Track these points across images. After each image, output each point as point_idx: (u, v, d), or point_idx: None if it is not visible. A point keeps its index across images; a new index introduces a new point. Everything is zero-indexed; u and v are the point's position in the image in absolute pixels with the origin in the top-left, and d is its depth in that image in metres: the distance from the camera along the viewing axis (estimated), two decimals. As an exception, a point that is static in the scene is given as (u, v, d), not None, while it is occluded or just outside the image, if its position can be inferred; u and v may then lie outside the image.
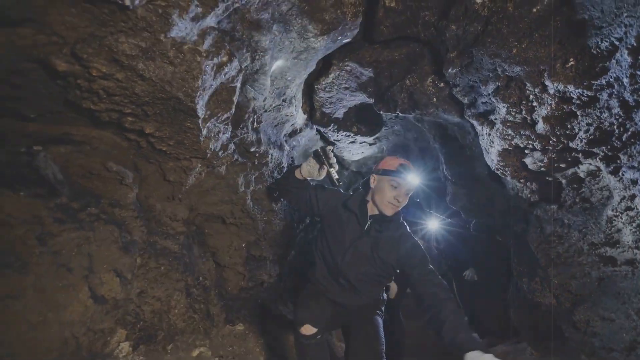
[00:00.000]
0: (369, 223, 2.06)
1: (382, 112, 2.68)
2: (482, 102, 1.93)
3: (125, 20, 1.14)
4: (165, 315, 2.21)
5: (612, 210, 1.57)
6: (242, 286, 3.36)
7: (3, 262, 1.29)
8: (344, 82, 2.64)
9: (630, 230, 1.51)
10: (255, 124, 2.52)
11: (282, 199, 2.43)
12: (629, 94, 1.29)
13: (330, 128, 3.19)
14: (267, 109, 2.61)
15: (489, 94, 1.82)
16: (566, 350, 2.24)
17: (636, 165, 1.38)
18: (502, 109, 1.81)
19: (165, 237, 2.37)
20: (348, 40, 2.27)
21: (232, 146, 2.35)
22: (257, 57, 2.03)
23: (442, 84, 2.13)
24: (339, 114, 3.12)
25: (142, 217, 2.15)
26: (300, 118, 3.15)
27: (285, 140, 3.24)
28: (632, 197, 1.50)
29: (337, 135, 3.38)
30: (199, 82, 1.47)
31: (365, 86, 2.58)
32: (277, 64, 2.29)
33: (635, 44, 1.17)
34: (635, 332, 1.65)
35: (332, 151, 2.08)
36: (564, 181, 1.84)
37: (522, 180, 2.02)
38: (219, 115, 1.80)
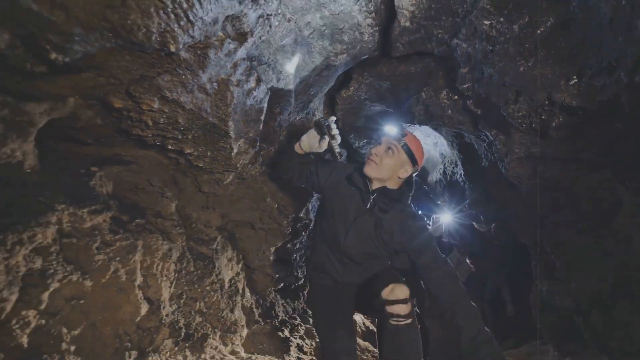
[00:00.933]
0: (371, 200, 1.91)
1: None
2: (495, 114, 2.02)
3: (170, 62, 1.32)
4: (202, 315, 2.41)
5: (622, 216, 1.63)
6: (270, 287, 3.55)
7: (70, 269, 1.50)
8: (363, 93, 2.77)
9: (638, 238, 1.56)
10: (280, 136, 2.69)
11: (289, 178, 2.16)
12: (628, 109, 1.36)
13: (352, 136, 3.33)
14: (293, 121, 2.78)
15: (500, 107, 1.92)
16: (587, 352, 2.29)
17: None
18: (513, 121, 1.90)
19: (200, 243, 2.57)
20: (366, 56, 2.40)
21: (259, 158, 2.52)
22: (282, 77, 2.20)
23: (455, 97, 2.23)
24: (360, 122, 3.25)
25: (181, 226, 2.36)
26: (323, 127, 3.30)
27: (310, 149, 3.40)
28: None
29: (359, 143, 3.51)
30: (230, 108, 1.65)
31: (383, 97, 2.70)
32: (301, 81, 2.45)
33: (630, 66, 1.25)
34: None
35: (335, 122, 1.91)
36: (577, 189, 1.90)
37: (535, 188, 2.09)
38: (248, 133, 1.98)
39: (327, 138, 1.90)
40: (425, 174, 3.94)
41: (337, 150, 1.93)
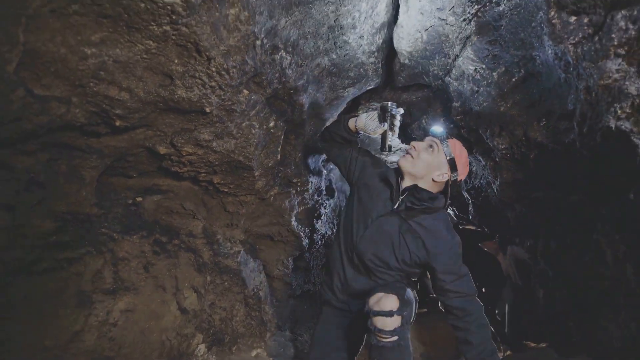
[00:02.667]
0: (401, 199, 1.77)
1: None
2: (484, 142, 2.26)
3: (204, 118, 1.63)
4: (229, 322, 2.71)
5: (599, 233, 1.84)
6: (289, 294, 3.85)
7: (124, 286, 1.82)
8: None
9: (611, 252, 1.77)
10: (296, 159, 2.98)
11: (326, 150, 2.10)
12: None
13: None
14: (307, 144, 3.07)
15: (487, 137, 2.15)
16: (580, 354, 2.50)
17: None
18: (498, 150, 2.14)
19: (226, 257, 2.87)
20: (372, 87, 2.67)
21: (278, 180, 2.82)
22: (296, 110, 2.48)
23: (452, 125, 2.47)
24: (367, 142, 3.52)
25: (209, 242, 2.67)
26: (334, 146, 3.58)
27: (323, 165, 3.68)
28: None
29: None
30: (253, 147, 1.94)
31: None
32: (313, 110, 2.74)
33: (579, 119, 1.48)
34: (622, 340, 1.91)
35: (401, 115, 1.78)
36: (562, 208, 2.12)
37: (525, 208, 2.31)
38: (268, 163, 2.28)
39: (386, 125, 1.75)
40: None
41: (389, 142, 1.79)
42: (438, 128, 1.90)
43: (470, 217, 3.30)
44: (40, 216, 1.47)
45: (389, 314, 1.47)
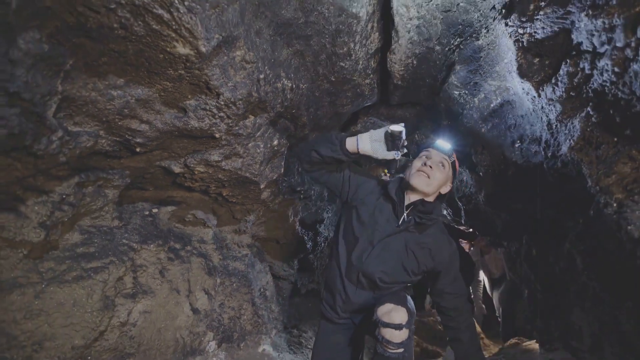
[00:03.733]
0: (405, 215, 1.71)
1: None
2: (470, 158, 2.38)
3: (214, 142, 1.79)
4: (238, 320, 2.87)
5: (569, 243, 1.95)
6: (294, 293, 4.02)
7: (143, 290, 1.99)
8: (370, 127, 3.17)
9: (580, 259, 1.88)
10: (299, 169, 3.13)
11: (312, 173, 1.78)
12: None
13: (362, 162, 3.73)
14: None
15: (472, 154, 2.28)
16: (559, 351, 2.63)
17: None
18: (481, 166, 2.26)
19: (234, 260, 3.03)
20: (368, 104, 2.81)
21: (282, 189, 2.97)
22: (298, 126, 2.63)
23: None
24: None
25: (219, 247, 2.83)
26: (336, 156, 3.72)
27: (325, 174, 3.83)
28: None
29: (369, 167, 3.91)
30: (258, 164, 2.09)
31: (386, 134, 3.10)
32: (315, 125, 2.88)
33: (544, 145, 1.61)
34: (593, 337, 2.03)
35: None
36: (541, 217, 2.24)
37: (509, 216, 2.43)
38: (273, 177, 2.43)
39: (398, 154, 1.61)
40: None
41: (398, 165, 1.71)
42: (445, 144, 1.74)
43: (463, 221, 3.43)
44: (69, 231, 1.64)
45: (398, 327, 1.48)
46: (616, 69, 1.23)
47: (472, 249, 4.33)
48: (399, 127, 1.54)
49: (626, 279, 1.60)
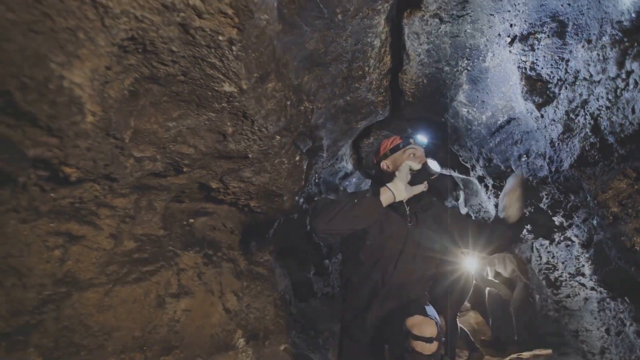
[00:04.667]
0: (407, 210, 1.79)
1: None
2: (478, 169, 2.63)
3: (247, 161, 2.08)
4: (262, 320, 3.15)
5: (577, 251, 2.18)
6: (311, 296, 4.29)
7: (184, 291, 2.28)
8: (381, 142, 3.44)
9: (588, 264, 2.10)
10: (316, 180, 3.42)
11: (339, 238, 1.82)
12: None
13: (373, 171, 3.99)
14: (325, 167, 3.49)
15: (481, 167, 2.52)
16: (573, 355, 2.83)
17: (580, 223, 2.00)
18: (489, 177, 2.50)
19: (258, 265, 3.32)
20: (381, 119, 3.08)
21: (301, 200, 3.25)
22: (316, 141, 2.91)
23: (452, 154, 2.85)
24: (380, 160, 3.92)
25: (244, 253, 3.12)
26: (349, 165, 4.00)
27: (339, 182, 4.10)
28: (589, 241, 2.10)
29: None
30: (283, 178, 2.38)
31: (397, 145, 3.37)
32: (331, 140, 3.16)
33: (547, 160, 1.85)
34: (602, 340, 2.24)
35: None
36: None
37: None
38: (294, 189, 2.71)
39: (426, 184, 1.72)
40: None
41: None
42: (423, 138, 1.86)
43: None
44: (127, 239, 1.94)
45: (429, 340, 1.52)
46: (610, 96, 1.47)
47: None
48: (436, 168, 1.67)
49: (626, 286, 1.82)
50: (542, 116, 1.77)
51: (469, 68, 2.24)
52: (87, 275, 1.67)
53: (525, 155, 2.07)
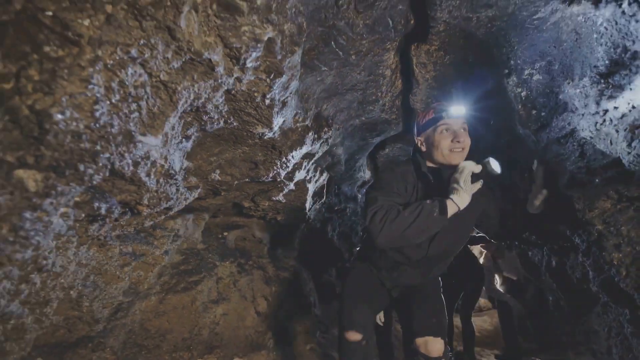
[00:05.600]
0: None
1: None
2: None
3: (275, 184, 2.40)
4: (289, 322, 3.48)
5: (581, 257, 2.39)
6: (334, 298, 4.58)
7: (222, 297, 2.63)
8: (396, 153, 3.70)
9: (591, 270, 2.32)
10: (336, 191, 3.71)
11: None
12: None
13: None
14: (344, 178, 3.78)
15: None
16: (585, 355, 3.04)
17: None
18: (495, 190, 2.75)
19: (284, 270, 3.65)
20: (394, 134, 3.34)
21: (322, 209, 3.56)
22: (335, 157, 3.21)
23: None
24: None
25: (272, 260, 3.45)
26: (367, 175, 4.27)
27: (358, 191, 4.39)
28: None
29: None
30: (307, 196, 2.69)
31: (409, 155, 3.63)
32: (348, 154, 3.45)
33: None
34: (608, 340, 2.46)
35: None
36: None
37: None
38: (316, 204, 3.02)
39: (481, 181, 1.67)
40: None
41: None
42: (459, 109, 1.77)
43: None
44: (176, 253, 2.29)
45: (437, 359, 1.70)
46: (591, 129, 1.71)
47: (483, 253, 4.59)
48: (497, 169, 1.66)
49: (617, 292, 2.04)
50: (537, 141, 2.01)
51: (473, 92, 2.48)
52: (145, 287, 2.03)
53: (526, 173, 2.30)
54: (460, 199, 1.60)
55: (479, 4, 1.84)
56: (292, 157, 2.25)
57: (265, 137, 1.99)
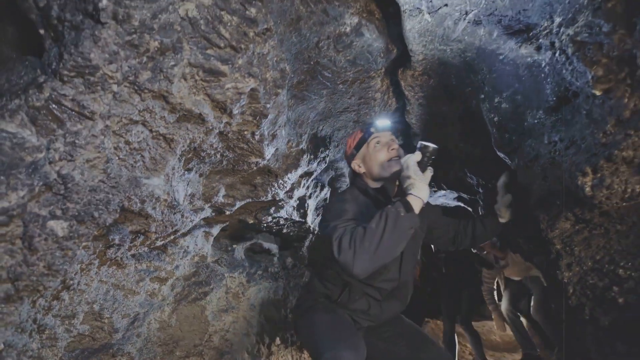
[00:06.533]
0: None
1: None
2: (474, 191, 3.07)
3: (275, 202, 2.68)
4: (299, 327, 3.76)
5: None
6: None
7: (231, 306, 2.94)
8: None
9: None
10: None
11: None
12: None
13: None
14: (349, 189, 4.02)
15: (475, 186, 2.96)
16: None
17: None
18: (483, 197, 2.93)
19: (295, 277, 3.94)
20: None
21: (328, 220, 3.82)
22: (338, 171, 3.46)
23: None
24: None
25: (283, 268, 3.75)
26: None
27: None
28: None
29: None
30: (308, 210, 2.96)
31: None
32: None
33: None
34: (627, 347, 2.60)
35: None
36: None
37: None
38: (317, 217, 3.28)
39: (431, 169, 1.67)
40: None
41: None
42: (385, 121, 1.84)
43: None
44: (187, 266, 2.62)
45: None
46: (548, 157, 1.88)
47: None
48: (432, 144, 1.65)
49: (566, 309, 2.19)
50: (511, 160, 2.19)
51: (460, 111, 2.68)
52: (160, 298, 2.36)
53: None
54: (419, 190, 1.53)
55: (449, 39, 2.05)
56: (289, 178, 2.53)
57: (260, 165, 2.27)
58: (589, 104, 1.56)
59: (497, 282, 4.32)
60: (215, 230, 2.77)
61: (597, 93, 1.49)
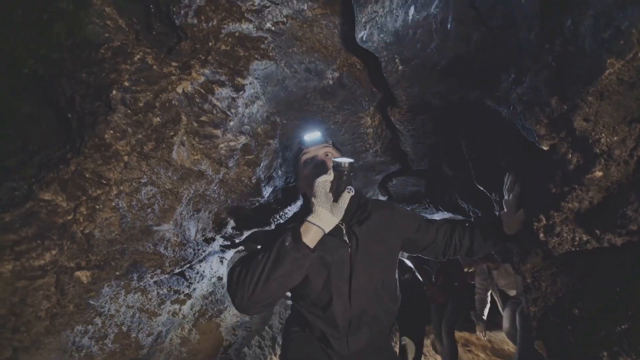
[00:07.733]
0: (343, 227, 1.58)
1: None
2: (461, 209, 3.15)
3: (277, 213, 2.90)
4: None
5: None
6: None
7: (244, 322, 3.18)
8: (402, 182, 4.06)
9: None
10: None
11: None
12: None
13: (402, 204, 4.58)
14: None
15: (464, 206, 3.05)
16: None
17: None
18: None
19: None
20: (393, 171, 3.71)
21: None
22: (341, 195, 3.64)
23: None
24: (407, 192, 4.51)
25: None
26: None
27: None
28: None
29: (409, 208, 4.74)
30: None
31: (415, 184, 3.95)
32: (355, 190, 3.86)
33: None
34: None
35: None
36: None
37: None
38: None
39: (351, 188, 1.48)
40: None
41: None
42: (314, 134, 1.70)
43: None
44: (205, 287, 2.89)
45: None
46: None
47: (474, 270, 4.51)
48: (342, 160, 1.45)
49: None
50: (490, 194, 2.31)
51: (445, 144, 2.81)
52: (180, 317, 2.64)
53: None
54: (317, 218, 1.33)
55: (427, 85, 2.21)
56: (289, 210, 2.74)
57: (261, 202, 2.50)
58: (542, 156, 1.68)
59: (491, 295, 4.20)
60: (228, 255, 3.03)
61: (545, 148, 1.61)
